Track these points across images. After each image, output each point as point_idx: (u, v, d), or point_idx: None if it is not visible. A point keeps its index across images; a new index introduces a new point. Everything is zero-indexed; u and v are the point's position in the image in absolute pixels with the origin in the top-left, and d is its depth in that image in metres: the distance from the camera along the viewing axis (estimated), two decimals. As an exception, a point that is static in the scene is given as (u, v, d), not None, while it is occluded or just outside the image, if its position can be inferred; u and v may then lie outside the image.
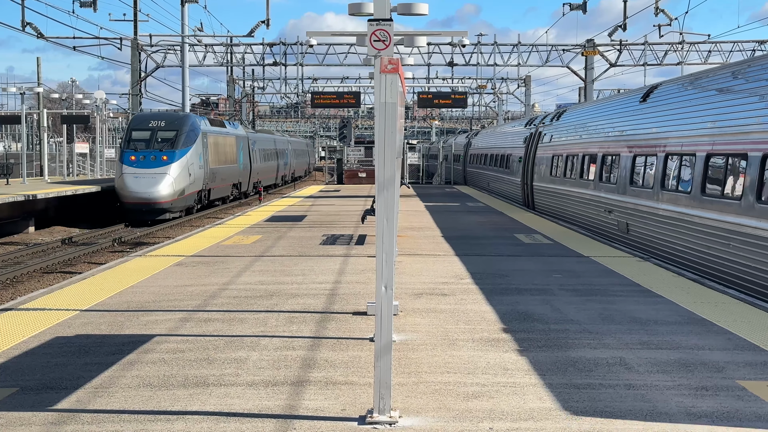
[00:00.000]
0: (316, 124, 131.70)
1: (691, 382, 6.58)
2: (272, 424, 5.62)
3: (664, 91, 16.37)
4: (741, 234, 11.46)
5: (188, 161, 33.58)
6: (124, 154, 33.01)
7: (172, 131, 33.71)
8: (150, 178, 32.08)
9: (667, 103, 15.72)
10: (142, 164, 32.42)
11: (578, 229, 16.43)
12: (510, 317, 9.00)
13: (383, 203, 5.75)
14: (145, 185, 31.95)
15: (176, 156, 32.98)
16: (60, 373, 6.80)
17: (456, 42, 55.62)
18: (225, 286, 10.95)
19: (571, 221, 20.52)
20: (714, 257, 12.31)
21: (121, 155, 33.22)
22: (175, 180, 32.64)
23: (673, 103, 15.39)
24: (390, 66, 5.73)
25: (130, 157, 32.63)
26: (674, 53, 58.76)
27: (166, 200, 32.27)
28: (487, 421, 5.68)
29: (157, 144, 33.18)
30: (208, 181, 36.53)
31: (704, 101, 13.73)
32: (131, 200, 32.07)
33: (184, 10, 51.48)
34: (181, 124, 34.25)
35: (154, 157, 32.60)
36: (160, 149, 32.95)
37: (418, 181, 49.00)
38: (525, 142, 27.67)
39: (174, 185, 32.52)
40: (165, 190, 32.20)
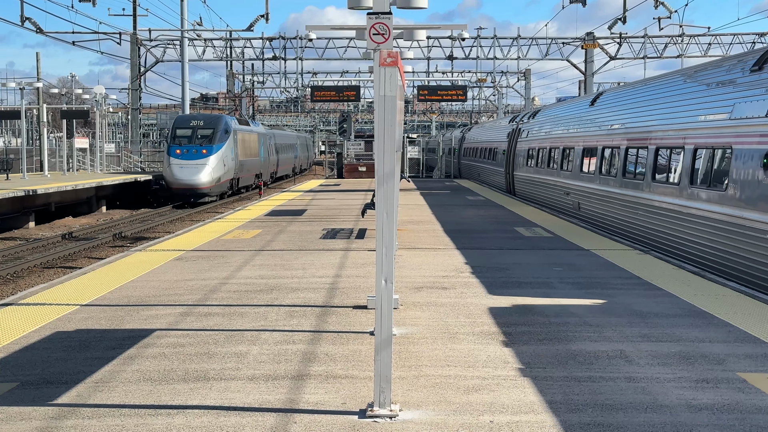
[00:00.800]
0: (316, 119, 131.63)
1: (691, 374, 6.58)
2: (273, 418, 5.63)
3: (607, 97, 20.47)
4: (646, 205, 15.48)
5: (223, 154, 40.29)
6: (170, 148, 39.59)
7: (210, 129, 40.42)
8: (193, 168, 38.76)
9: (607, 107, 19.76)
10: (185, 156, 39.16)
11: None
12: (510, 310, 8.99)
13: (383, 197, 5.74)
14: (189, 174, 38.73)
15: (213, 150, 39.68)
16: (60, 367, 6.81)
17: (456, 35, 55.59)
18: (225, 281, 10.95)
19: (542, 204, 24.06)
20: (636, 225, 16.02)
21: (168, 149, 39.77)
22: (213, 169, 39.23)
23: (611, 107, 19.47)
24: (389, 59, 5.72)
25: (176, 150, 39.36)
26: (674, 46, 58.72)
27: (206, 186, 38.92)
28: (487, 414, 5.68)
29: (197, 140, 39.87)
30: (238, 171, 43.16)
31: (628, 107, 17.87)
32: (177, 186, 38.93)
33: (183, 5, 51.44)
34: (217, 123, 40.96)
35: (195, 151, 39.29)
36: (200, 144, 39.64)
37: (418, 174, 49.01)
38: (508, 136, 31.10)
39: (212, 174, 39.11)
40: (205, 177, 38.83)
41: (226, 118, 42.56)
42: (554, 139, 23.76)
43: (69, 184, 35.29)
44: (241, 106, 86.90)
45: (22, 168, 41.59)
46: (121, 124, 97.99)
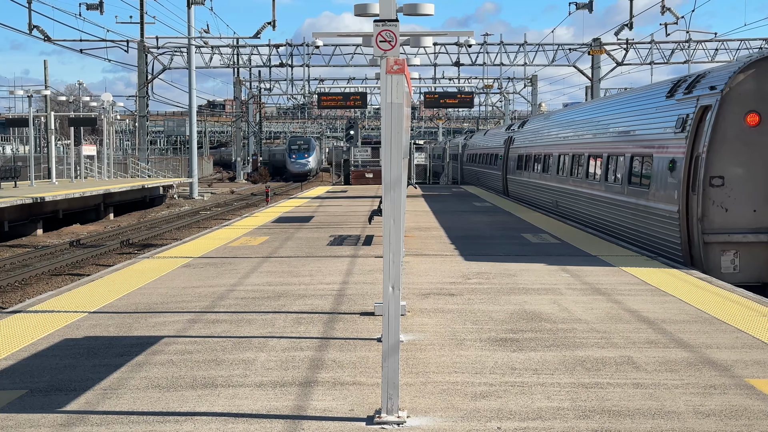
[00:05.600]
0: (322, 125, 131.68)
1: (699, 380, 6.58)
2: (280, 424, 5.63)
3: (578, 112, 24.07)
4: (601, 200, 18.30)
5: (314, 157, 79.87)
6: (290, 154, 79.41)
7: (306, 143, 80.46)
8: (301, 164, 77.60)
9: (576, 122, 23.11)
10: (297, 157, 78.30)
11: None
12: (517, 317, 8.99)
13: (390, 204, 5.75)
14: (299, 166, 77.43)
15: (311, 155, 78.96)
16: (69, 374, 6.82)
17: (462, 42, 55.59)
18: (233, 288, 10.97)
19: (530, 203, 26.79)
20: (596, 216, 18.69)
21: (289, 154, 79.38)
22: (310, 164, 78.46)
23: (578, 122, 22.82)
24: (396, 66, 5.74)
25: (293, 155, 78.53)
26: (681, 52, 58.66)
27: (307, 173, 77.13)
28: (495, 421, 5.68)
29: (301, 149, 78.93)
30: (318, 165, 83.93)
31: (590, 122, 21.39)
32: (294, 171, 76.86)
33: (190, 12, 51.56)
34: (310, 141, 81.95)
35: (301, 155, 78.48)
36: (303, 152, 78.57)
37: (425, 181, 49.00)
38: (504, 143, 34.04)
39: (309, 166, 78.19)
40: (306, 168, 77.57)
41: (312, 138, 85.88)
42: (537, 147, 26.91)
43: (77, 192, 35.40)
44: (247, 112, 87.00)
45: (30, 175, 41.71)
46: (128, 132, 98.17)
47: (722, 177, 12.61)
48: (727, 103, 12.58)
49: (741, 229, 12.53)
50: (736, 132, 12.59)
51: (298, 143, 80.00)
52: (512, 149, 31.74)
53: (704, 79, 13.80)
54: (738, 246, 12.56)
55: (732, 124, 12.60)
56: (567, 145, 22.54)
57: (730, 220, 12.56)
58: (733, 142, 12.60)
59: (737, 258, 12.55)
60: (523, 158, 29.17)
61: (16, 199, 29.14)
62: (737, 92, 12.58)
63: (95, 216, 38.43)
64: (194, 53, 54.18)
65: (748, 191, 12.58)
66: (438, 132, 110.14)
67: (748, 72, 12.62)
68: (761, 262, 12.54)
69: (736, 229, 12.53)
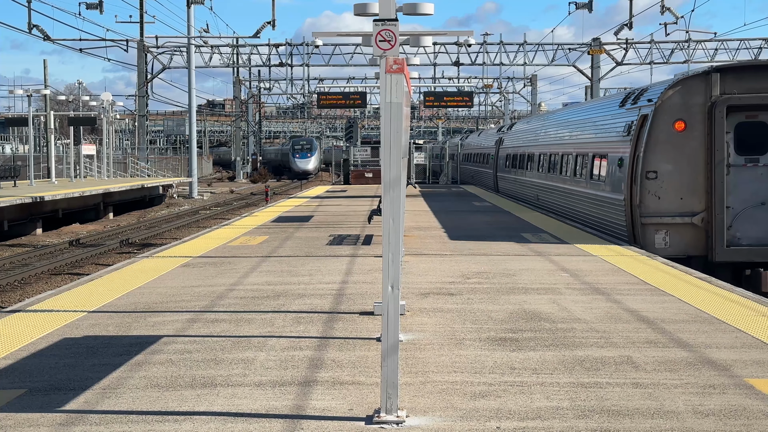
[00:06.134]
0: (322, 125, 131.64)
1: (698, 380, 6.58)
2: (280, 424, 5.63)
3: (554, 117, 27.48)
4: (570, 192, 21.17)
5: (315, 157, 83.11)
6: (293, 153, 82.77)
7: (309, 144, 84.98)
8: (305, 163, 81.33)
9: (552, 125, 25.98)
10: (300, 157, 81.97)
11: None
12: (517, 316, 9.00)
13: (389, 203, 5.76)
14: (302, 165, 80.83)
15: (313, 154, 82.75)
16: (68, 374, 6.83)
17: (462, 42, 55.60)
18: (232, 287, 10.97)
19: (516, 197, 29.07)
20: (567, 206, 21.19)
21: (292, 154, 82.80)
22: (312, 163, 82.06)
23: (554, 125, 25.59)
24: (395, 66, 5.74)
25: (296, 155, 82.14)
26: (681, 51, 58.66)
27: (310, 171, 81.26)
28: (494, 421, 5.68)
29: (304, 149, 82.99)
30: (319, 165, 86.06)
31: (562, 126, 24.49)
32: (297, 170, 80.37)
33: (189, 12, 51.56)
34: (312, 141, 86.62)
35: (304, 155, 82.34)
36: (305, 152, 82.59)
37: (425, 180, 49.02)
38: (495, 144, 36.45)
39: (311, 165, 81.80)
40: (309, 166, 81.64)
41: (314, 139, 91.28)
42: (522, 147, 29.67)
43: (76, 191, 35.41)
44: (247, 112, 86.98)
45: (30, 175, 41.70)
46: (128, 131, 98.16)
47: (656, 172, 15.31)
48: (660, 113, 15.24)
49: (670, 213, 15.23)
50: (667, 136, 15.23)
51: (301, 143, 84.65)
52: (501, 149, 34.41)
53: (645, 93, 16.55)
54: (668, 227, 15.24)
55: (663, 130, 15.23)
56: (545, 146, 25.28)
57: (662, 206, 15.27)
58: (664, 144, 15.25)
59: (667, 236, 15.27)
60: (510, 157, 31.91)
61: (15, 199, 29.14)
62: (668, 104, 15.20)
63: (95, 215, 38.43)
64: (194, 53, 54.19)
65: (676, 183, 15.23)
66: (437, 132, 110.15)
67: (676, 88, 15.24)
68: (686, 239, 15.23)
69: (666, 213, 15.25)
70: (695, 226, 15.07)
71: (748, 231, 14.85)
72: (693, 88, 15.12)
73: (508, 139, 33.52)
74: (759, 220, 14.86)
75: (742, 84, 14.94)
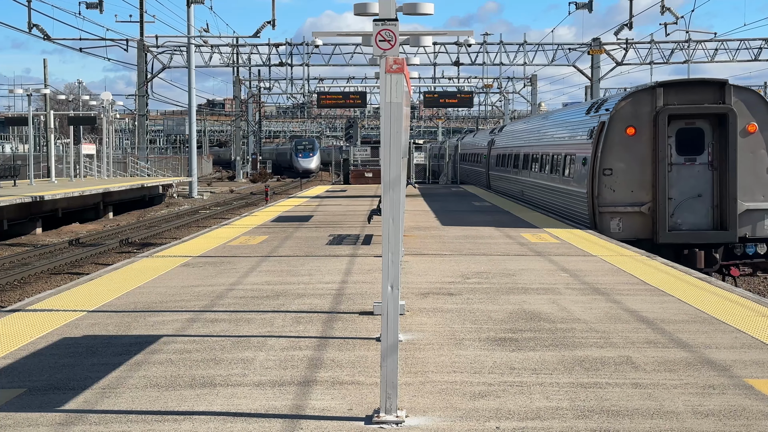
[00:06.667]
0: (322, 125, 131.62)
1: (698, 380, 6.58)
2: (279, 424, 5.63)
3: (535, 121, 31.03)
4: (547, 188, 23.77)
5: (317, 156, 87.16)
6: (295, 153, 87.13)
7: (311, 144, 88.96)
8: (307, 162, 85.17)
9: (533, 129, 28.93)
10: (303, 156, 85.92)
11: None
12: (516, 316, 8.99)
13: (389, 203, 5.76)
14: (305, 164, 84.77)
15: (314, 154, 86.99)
16: (67, 373, 6.82)
17: (462, 42, 55.59)
18: (232, 287, 10.97)
19: (505, 194, 31.52)
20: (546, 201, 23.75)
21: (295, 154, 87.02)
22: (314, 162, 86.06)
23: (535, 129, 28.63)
24: (395, 66, 5.74)
25: (299, 155, 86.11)
26: (681, 51, 58.64)
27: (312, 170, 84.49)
28: (493, 421, 5.68)
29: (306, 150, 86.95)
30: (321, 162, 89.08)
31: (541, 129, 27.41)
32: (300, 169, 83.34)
33: (189, 11, 51.56)
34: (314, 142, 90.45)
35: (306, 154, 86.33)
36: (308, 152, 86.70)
37: (425, 180, 49.03)
38: (487, 144, 39.00)
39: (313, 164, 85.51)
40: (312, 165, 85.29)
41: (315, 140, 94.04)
42: (509, 148, 32.27)
43: (76, 190, 35.41)
44: (247, 112, 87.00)
45: (30, 174, 41.70)
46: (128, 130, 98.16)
47: (611, 169, 18.02)
48: (614, 120, 17.94)
49: (623, 203, 17.90)
50: (620, 139, 17.88)
51: (303, 144, 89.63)
52: (493, 149, 37.10)
53: (605, 103, 19.53)
54: (621, 214, 17.91)
55: (617, 134, 17.90)
56: (529, 147, 27.95)
57: (616, 197, 17.95)
58: (618, 146, 17.91)
59: (621, 222, 17.89)
60: (500, 157, 34.65)
61: (15, 198, 29.14)
62: (621, 113, 17.88)
63: (94, 215, 38.43)
64: (194, 52, 54.19)
65: (628, 179, 17.86)
66: (437, 131, 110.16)
67: (628, 99, 17.95)
68: (636, 224, 17.82)
69: (619, 203, 17.91)
70: (643, 214, 17.76)
71: (687, 218, 17.74)
72: (642, 100, 17.78)
73: (499, 140, 36.22)
74: (695, 209, 17.74)
75: (682, 97, 17.59)
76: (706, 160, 17.68)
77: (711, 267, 17.33)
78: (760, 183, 17.56)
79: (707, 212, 17.66)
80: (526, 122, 34.55)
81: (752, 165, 17.51)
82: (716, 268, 17.47)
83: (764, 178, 17.58)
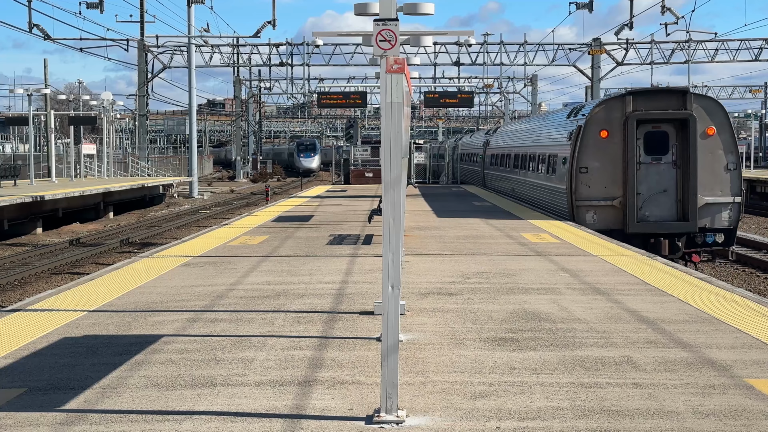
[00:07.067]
0: (322, 125, 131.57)
1: (698, 380, 6.58)
2: (280, 423, 5.63)
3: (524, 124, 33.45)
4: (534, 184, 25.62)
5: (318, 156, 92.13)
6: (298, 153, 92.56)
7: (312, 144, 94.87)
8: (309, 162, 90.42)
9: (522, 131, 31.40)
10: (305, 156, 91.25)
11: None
12: (517, 316, 8.99)
13: (389, 203, 5.75)
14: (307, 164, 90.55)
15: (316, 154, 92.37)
16: (68, 373, 6.82)
17: (462, 41, 55.59)
18: (232, 287, 10.97)
19: (499, 191, 33.42)
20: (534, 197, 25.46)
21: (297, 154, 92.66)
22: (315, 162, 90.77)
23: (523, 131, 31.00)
24: (396, 66, 5.74)
25: (301, 155, 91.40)
26: (681, 51, 58.63)
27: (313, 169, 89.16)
28: (494, 421, 5.68)
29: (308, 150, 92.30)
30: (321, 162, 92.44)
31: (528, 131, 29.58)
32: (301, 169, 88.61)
33: (190, 11, 51.57)
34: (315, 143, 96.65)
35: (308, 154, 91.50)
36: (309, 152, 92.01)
37: (425, 180, 49.03)
38: (483, 145, 40.87)
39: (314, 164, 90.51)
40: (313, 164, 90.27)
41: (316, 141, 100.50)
42: (502, 148, 34.25)
43: (76, 190, 35.41)
44: (247, 112, 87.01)
45: (30, 174, 41.69)
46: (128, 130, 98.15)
47: (587, 167, 19.91)
48: (589, 124, 19.90)
49: (597, 198, 19.82)
50: (594, 141, 19.82)
51: (305, 144, 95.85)
52: (488, 149, 39.05)
53: (582, 109, 21.67)
54: (595, 208, 19.83)
55: (592, 137, 19.83)
56: (518, 147, 29.93)
57: (591, 193, 19.85)
58: (592, 147, 19.84)
59: (595, 215, 19.82)
60: (494, 157, 36.71)
61: (15, 198, 29.14)
62: (595, 118, 19.86)
63: (95, 215, 38.43)
64: (194, 52, 54.19)
65: (601, 176, 19.80)
66: (438, 131, 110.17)
67: (601, 106, 20.14)
68: (609, 217, 19.74)
69: (594, 198, 19.83)
70: (615, 207, 19.67)
71: (654, 211, 19.64)
72: (613, 107, 19.77)
73: (493, 140, 38.41)
74: (661, 203, 19.69)
75: (648, 104, 19.57)
76: (670, 159, 19.66)
77: (675, 254, 19.18)
78: (718, 180, 19.59)
79: (671, 206, 19.64)
80: (516, 124, 37.65)
81: (711, 164, 19.51)
82: (679, 255, 19.34)
83: (722, 175, 19.62)
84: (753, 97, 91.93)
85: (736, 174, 19.80)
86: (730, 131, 19.85)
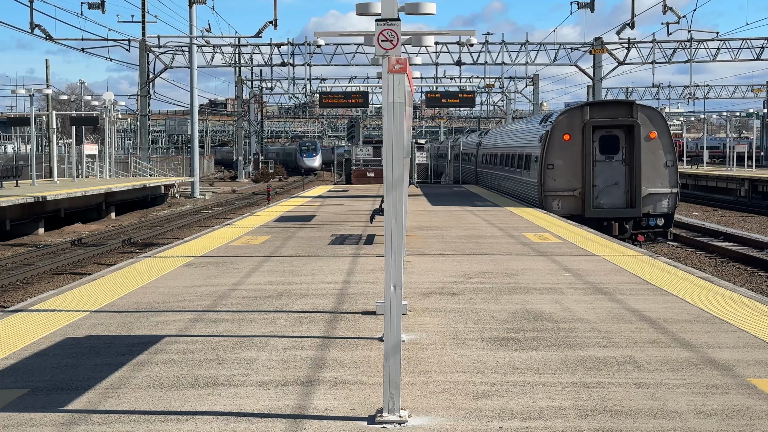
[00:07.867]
0: (324, 125, 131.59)
1: (701, 380, 6.57)
2: (282, 423, 5.64)
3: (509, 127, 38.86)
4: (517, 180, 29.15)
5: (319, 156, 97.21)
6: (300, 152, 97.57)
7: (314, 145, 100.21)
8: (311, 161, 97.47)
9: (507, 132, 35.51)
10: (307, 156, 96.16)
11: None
12: (519, 316, 8.99)
13: (391, 203, 5.75)
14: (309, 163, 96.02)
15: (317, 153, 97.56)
16: (70, 373, 6.83)
17: (464, 41, 55.58)
18: (234, 287, 10.97)
19: (490, 187, 36.03)
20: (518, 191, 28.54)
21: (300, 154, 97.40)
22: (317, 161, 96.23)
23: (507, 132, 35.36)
24: (398, 66, 5.74)
25: (303, 155, 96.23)
26: (683, 51, 58.59)
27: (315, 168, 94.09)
28: (496, 421, 5.68)
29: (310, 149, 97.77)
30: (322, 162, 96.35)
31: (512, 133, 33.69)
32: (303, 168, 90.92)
33: (192, 11, 51.59)
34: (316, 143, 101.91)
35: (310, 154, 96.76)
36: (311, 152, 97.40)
37: (427, 180, 49.03)
38: (476, 145, 44.44)
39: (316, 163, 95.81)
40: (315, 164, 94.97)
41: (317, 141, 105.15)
42: (491, 148, 37.97)
43: (78, 191, 35.43)
44: (249, 112, 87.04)
45: (32, 174, 41.73)
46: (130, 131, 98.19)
47: (553, 164, 24.08)
48: (555, 129, 24.13)
49: (561, 189, 23.99)
50: (559, 143, 24.00)
51: (307, 145, 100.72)
52: (480, 150, 42.53)
53: (551, 116, 25.67)
54: (560, 197, 24.01)
55: (557, 139, 24.04)
56: (503, 147, 33.81)
57: (557, 185, 24.05)
58: (557, 148, 23.99)
59: (560, 203, 23.95)
60: (485, 156, 40.27)
61: (17, 198, 29.16)
62: (560, 124, 24.11)
63: (97, 215, 38.46)
64: (196, 52, 54.20)
65: (564, 171, 23.93)
66: (439, 131, 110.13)
67: (564, 114, 24.57)
68: (570, 204, 23.83)
69: (558, 189, 24.00)
70: (575, 196, 23.86)
71: (607, 200, 23.86)
72: (575, 114, 24.09)
73: (484, 141, 42.17)
74: (613, 194, 23.88)
75: (603, 113, 23.97)
76: (620, 158, 23.90)
77: (623, 235, 23.02)
78: (659, 174, 23.88)
79: (621, 195, 23.89)
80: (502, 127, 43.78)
81: (653, 161, 23.81)
82: (627, 236, 23.16)
83: (662, 171, 23.90)
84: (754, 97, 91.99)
85: (674, 170, 23.97)
86: (668, 135, 24.19)
